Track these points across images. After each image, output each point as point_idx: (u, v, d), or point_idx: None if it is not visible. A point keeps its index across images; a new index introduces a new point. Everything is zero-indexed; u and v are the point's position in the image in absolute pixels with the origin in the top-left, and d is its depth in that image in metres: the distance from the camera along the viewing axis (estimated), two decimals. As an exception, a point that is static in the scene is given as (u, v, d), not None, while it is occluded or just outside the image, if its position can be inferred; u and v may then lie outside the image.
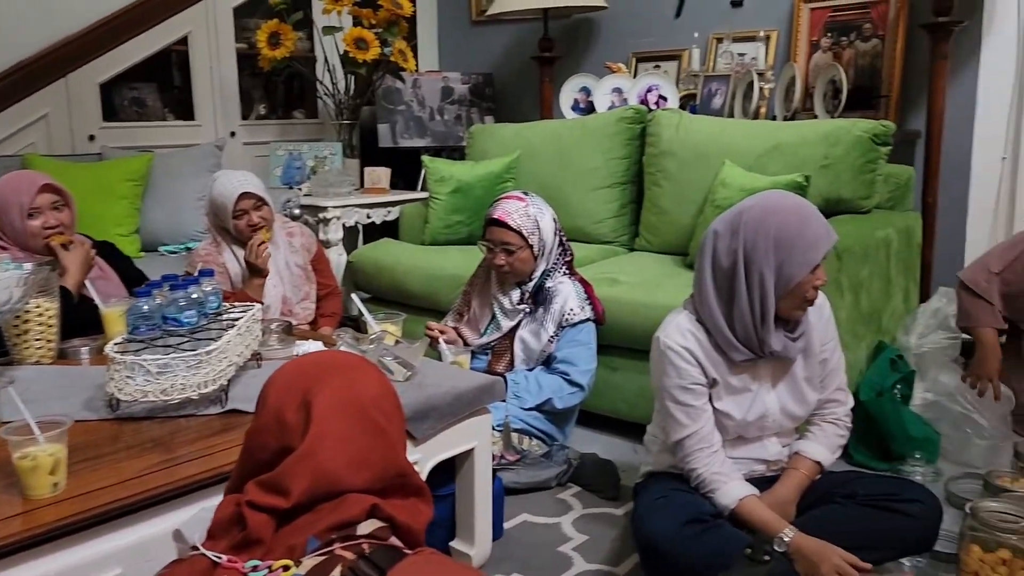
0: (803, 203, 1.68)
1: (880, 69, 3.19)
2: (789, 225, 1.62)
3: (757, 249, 1.62)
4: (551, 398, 2.28)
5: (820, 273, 1.64)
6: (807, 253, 1.61)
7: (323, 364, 1.01)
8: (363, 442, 0.92)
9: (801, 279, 1.62)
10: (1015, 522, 1.55)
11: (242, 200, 2.45)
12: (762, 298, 1.64)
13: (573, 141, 3.20)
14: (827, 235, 1.64)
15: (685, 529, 1.61)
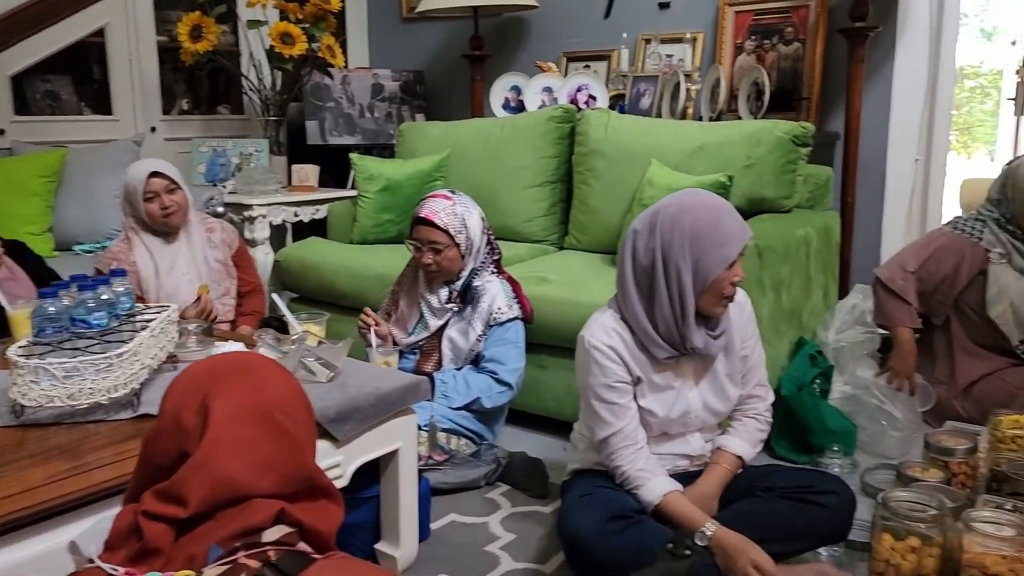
0: (718, 201, 1.71)
1: (801, 72, 3.27)
2: (704, 222, 1.64)
3: (673, 247, 1.65)
4: (479, 397, 2.27)
5: (737, 269, 1.67)
6: (722, 250, 1.63)
7: (226, 365, 0.98)
8: (265, 446, 0.89)
9: (718, 275, 1.64)
10: (924, 511, 1.60)
11: (153, 180, 2.39)
12: (681, 295, 1.66)
13: (503, 140, 3.20)
14: (742, 232, 1.67)
15: (608, 525, 1.62)
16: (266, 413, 0.91)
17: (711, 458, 1.84)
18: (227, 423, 0.88)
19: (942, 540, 1.55)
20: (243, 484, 0.86)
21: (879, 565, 1.59)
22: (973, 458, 2.00)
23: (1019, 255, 2.39)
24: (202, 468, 0.85)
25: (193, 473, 0.85)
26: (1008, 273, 2.40)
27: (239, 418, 0.89)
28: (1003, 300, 2.40)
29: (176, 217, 2.47)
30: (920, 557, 1.55)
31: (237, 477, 0.86)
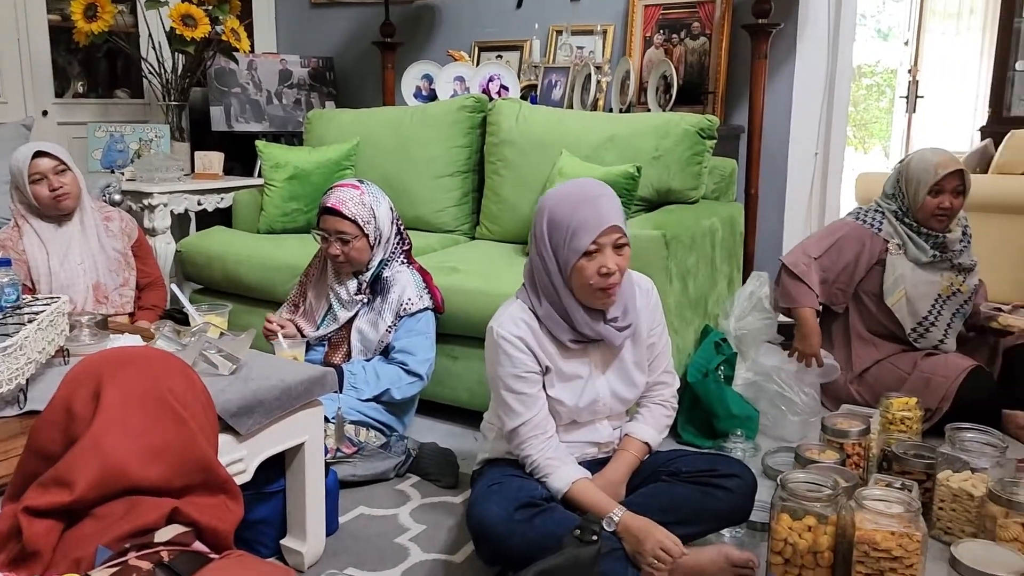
0: (583, 189, 1.70)
1: (708, 66, 3.35)
2: (560, 214, 1.67)
3: (541, 240, 1.70)
4: (389, 388, 2.25)
5: (604, 260, 1.65)
6: (573, 240, 1.64)
7: (122, 354, 0.94)
8: (158, 432, 0.85)
9: (576, 263, 1.65)
10: (819, 491, 1.66)
11: (38, 160, 2.27)
12: (553, 284, 1.70)
13: (414, 129, 3.16)
14: (596, 220, 1.64)
15: (517, 514, 1.62)
16: (160, 399, 0.87)
17: (619, 445, 1.87)
18: (119, 407, 0.83)
19: (836, 518, 1.62)
20: (132, 470, 0.82)
21: (778, 544, 1.65)
22: (866, 439, 2.09)
23: (914, 246, 2.51)
24: (91, 450, 0.81)
25: (81, 455, 0.81)
26: (904, 263, 2.52)
27: (132, 403, 0.85)
28: (899, 289, 2.52)
29: (69, 200, 2.35)
30: (816, 535, 1.61)
31: (126, 461, 0.82)
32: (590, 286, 1.67)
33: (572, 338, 1.73)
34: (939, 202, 2.45)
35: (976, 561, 1.40)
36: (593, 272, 1.65)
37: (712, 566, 1.70)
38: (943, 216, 2.47)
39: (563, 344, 1.75)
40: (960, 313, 2.54)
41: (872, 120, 9.63)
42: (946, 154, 2.50)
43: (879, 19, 9.35)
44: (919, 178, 2.48)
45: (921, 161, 2.50)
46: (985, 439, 1.99)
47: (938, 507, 1.89)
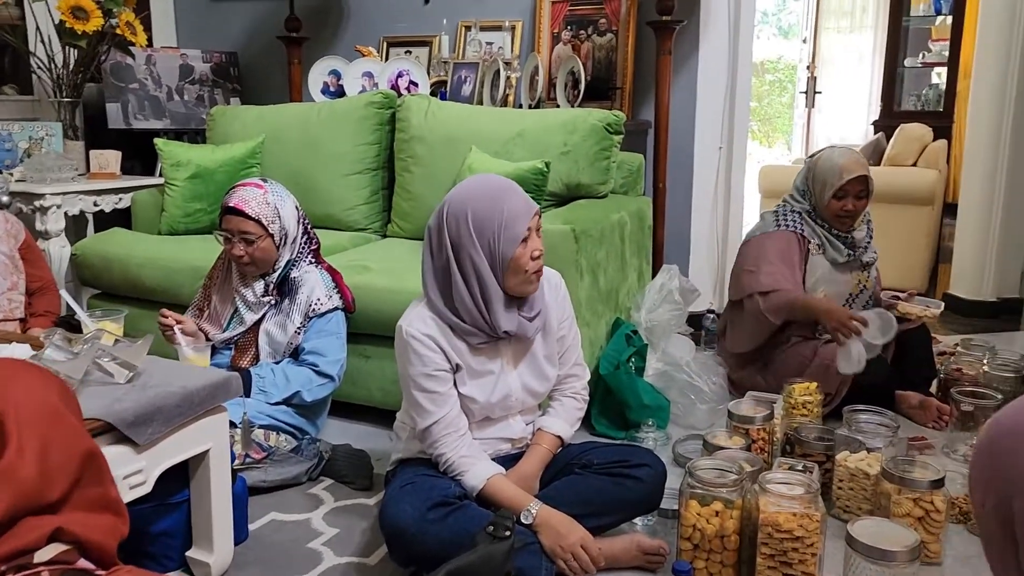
0: (497, 183, 1.73)
1: (615, 62, 3.39)
2: (485, 207, 1.67)
3: (463, 238, 1.68)
4: (300, 391, 2.21)
5: (533, 243, 1.70)
6: (509, 230, 1.66)
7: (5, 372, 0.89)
8: (58, 448, 0.81)
9: (514, 254, 1.67)
10: (725, 477, 1.71)
11: None
12: (480, 282, 1.69)
13: (321, 125, 3.10)
14: (526, 207, 1.69)
15: (430, 513, 1.62)
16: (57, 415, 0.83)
17: (532, 439, 1.88)
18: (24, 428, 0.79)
19: (742, 503, 1.67)
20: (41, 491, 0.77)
21: (687, 530, 1.68)
22: (770, 424, 2.16)
23: (832, 248, 2.61)
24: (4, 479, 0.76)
25: None
26: (823, 264, 2.61)
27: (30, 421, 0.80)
28: (820, 290, 2.60)
29: None
30: (723, 520, 1.66)
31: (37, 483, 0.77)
32: (526, 272, 1.69)
33: (481, 341, 1.74)
34: (842, 205, 2.55)
35: (870, 537, 1.46)
36: (527, 258, 1.69)
37: (624, 555, 1.74)
38: (846, 218, 2.57)
39: (472, 342, 1.75)
40: (866, 307, 2.64)
41: (775, 115, 9.94)
42: (852, 156, 2.58)
43: (780, 17, 9.66)
44: (825, 179, 2.57)
45: (828, 162, 2.58)
46: (879, 420, 2.08)
47: (837, 487, 1.97)
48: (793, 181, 2.72)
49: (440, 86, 3.54)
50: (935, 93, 6.15)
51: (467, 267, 1.68)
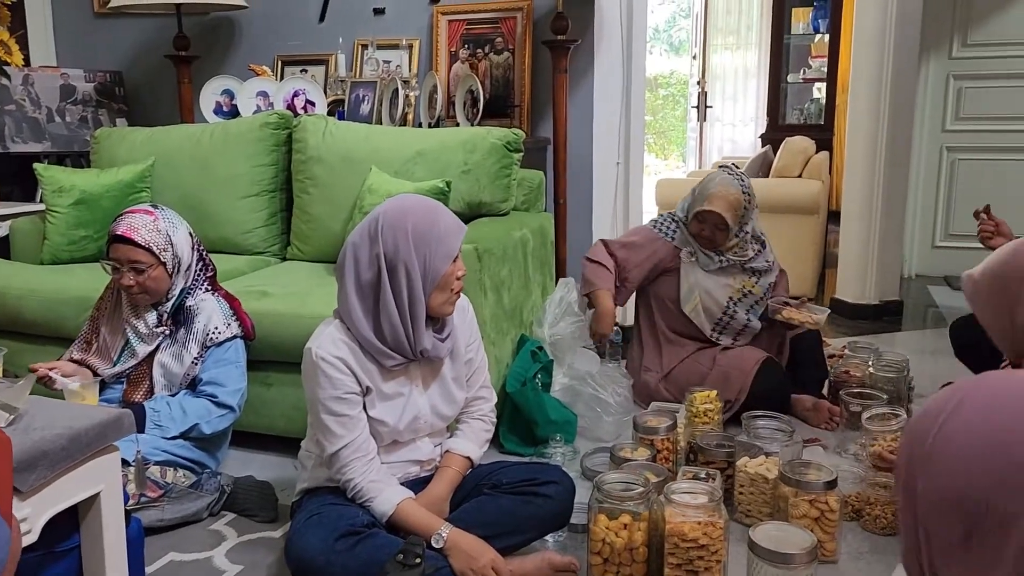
0: (430, 201, 1.78)
1: (513, 80, 3.43)
2: (425, 221, 1.69)
3: (400, 250, 1.67)
4: (198, 424, 2.13)
5: (460, 263, 1.75)
6: (443, 245, 1.69)
7: None
8: None
9: (445, 271, 1.70)
10: (632, 489, 1.74)
11: None
12: (411, 297, 1.69)
13: (215, 147, 3.01)
14: (458, 226, 1.75)
15: (338, 544, 1.59)
16: None
17: (441, 461, 1.87)
18: None
19: (648, 514, 1.70)
20: None
21: (596, 545, 1.70)
22: (674, 434, 2.21)
23: (704, 255, 2.69)
24: None
25: None
26: (696, 271, 2.69)
27: None
28: (694, 296, 2.69)
29: None
30: (631, 532, 1.68)
31: None
32: (451, 291, 1.73)
33: (396, 363, 1.73)
34: (700, 229, 2.66)
35: (770, 541, 1.51)
36: (453, 277, 1.72)
37: (536, 573, 1.74)
38: (704, 240, 2.68)
39: (384, 364, 1.74)
40: (754, 311, 2.74)
41: (670, 128, 10.26)
42: (725, 190, 2.62)
43: (671, 34, 9.99)
44: (694, 199, 2.70)
45: (706, 185, 2.68)
46: (776, 425, 2.16)
47: (739, 492, 2.03)
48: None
49: (338, 105, 3.50)
50: (816, 107, 6.47)
51: (400, 281, 1.68)
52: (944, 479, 0.64)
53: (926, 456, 0.66)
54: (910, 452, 0.68)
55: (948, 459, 0.64)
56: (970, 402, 0.66)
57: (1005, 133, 4.61)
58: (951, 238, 4.80)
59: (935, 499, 0.64)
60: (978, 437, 0.63)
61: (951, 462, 0.64)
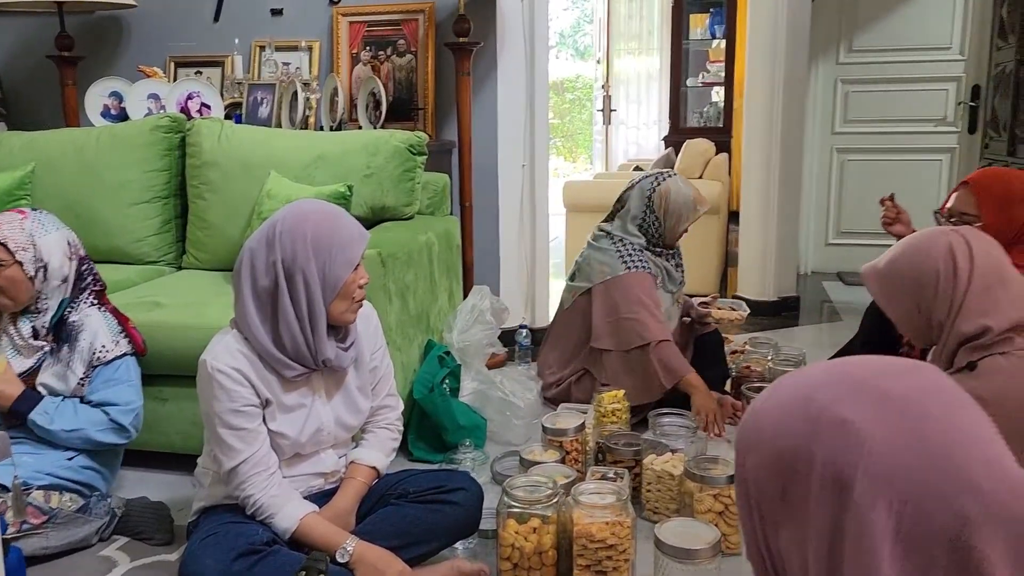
0: (332, 207, 1.74)
1: (416, 83, 3.39)
2: (325, 227, 1.64)
3: (297, 257, 1.62)
4: (85, 428, 2.00)
5: (362, 271, 1.70)
6: (346, 252, 1.64)
7: None
8: None
9: (346, 279, 1.65)
10: (540, 492, 1.73)
11: None
12: (310, 305, 1.63)
13: (102, 152, 2.87)
14: (360, 233, 1.70)
15: (236, 564, 1.52)
16: None
17: (345, 473, 1.82)
18: None
19: (557, 517, 1.69)
20: None
21: (505, 550, 1.69)
22: (583, 435, 2.22)
23: (668, 280, 2.73)
24: None
25: None
26: (665, 296, 2.71)
27: None
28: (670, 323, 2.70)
29: None
30: (540, 536, 1.68)
31: None
32: (352, 299, 1.67)
33: (296, 373, 1.67)
34: (683, 231, 2.73)
35: (676, 538, 1.52)
36: (356, 285, 1.67)
37: None
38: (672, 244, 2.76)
39: (284, 375, 1.68)
40: (682, 318, 2.81)
41: (577, 131, 10.39)
42: (692, 187, 2.72)
43: (576, 39, 10.11)
44: (679, 213, 2.66)
45: (681, 196, 2.67)
46: (681, 422, 2.20)
47: (646, 490, 2.05)
48: (625, 211, 2.72)
49: (235, 108, 3.39)
50: (715, 110, 6.66)
51: (299, 289, 1.62)
52: (762, 445, 0.70)
53: (748, 434, 0.73)
54: (738, 438, 0.75)
55: (763, 428, 0.71)
56: (784, 380, 0.74)
57: (888, 135, 4.84)
58: (843, 235, 5.01)
59: (757, 467, 0.70)
60: (787, 398, 0.71)
61: (765, 429, 0.71)
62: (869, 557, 0.61)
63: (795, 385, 0.72)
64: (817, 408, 0.67)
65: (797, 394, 0.70)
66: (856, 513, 0.62)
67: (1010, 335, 1.62)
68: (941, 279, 1.64)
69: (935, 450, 0.63)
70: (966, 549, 0.60)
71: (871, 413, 0.65)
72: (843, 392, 0.67)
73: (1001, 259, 1.68)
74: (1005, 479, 0.63)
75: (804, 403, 0.69)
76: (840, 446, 0.64)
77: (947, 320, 1.64)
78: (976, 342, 1.64)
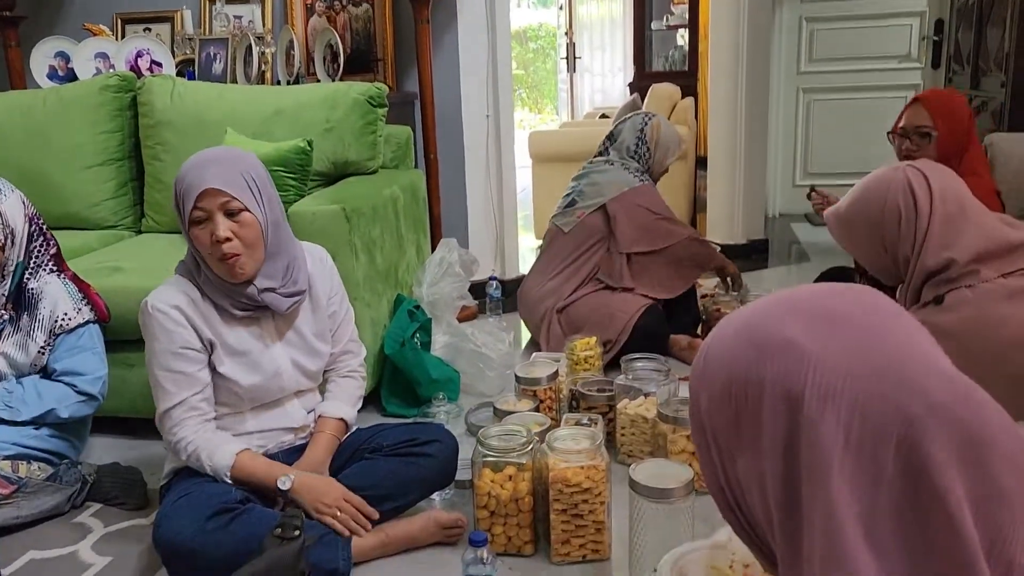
0: (203, 155, 1.65)
1: (374, 33, 3.31)
2: (177, 178, 1.63)
3: (176, 205, 1.64)
4: (54, 408, 1.98)
5: (212, 226, 1.59)
6: (183, 204, 1.61)
7: None
8: None
9: (193, 233, 1.61)
10: (515, 440, 1.72)
11: None
12: (196, 253, 1.65)
13: (50, 115, 2.77)
14: (198, 184, 1.59)
15: (210, 523, 1.52)
16: None
17: (315, 427, 1.81)
18: None
19: (532, 464, 1.69)
20: None
21: (482, 499, 1.69)
22: (556, 383, 2.22)
23: None
24: None
25: None
26: None
27: None
28: None
29: None
30: (516, 484, 1.68)
31: None
32: (211, 255, 1.61)
33: (232, 303, 1.66)
34: (666, 169, 2.95)
35: (650, 479, 1.53)
36: (207, 240, 1.59)
37: (423, 533, 1.72)
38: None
39: (230, 313, 1.67)
40: None
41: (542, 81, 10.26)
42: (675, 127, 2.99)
43: (537, -14, 9.93)
44: (669, 146, 2.89)
45: (671, 132, 2.91)
46: (653, 365, 2.20)
47: (620, 434, 2.06)
48: (615, 138, 2.94)
49: (187, 65, 3.29)
50: (680, 54, 6.60)
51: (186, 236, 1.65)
52: (713, 379, 0.71)
53: (699, 372, 0.74)
54: (692, 379, 0.76)
55: (712, 362, 0.72)
56: (729, 317, 0.76)
57: (853, 73, 4.83)
58: (810, 176, 5.03)
59: (710, 400, 0.72)
60: (733, 331, 0.72)
61: (714, 362, 0.72)
62: (822, 470, 0.63)
63: (739, 318, 0.73)
64: (763, 333, 0.68)
65: (742, 325, 0.72)
66: (807, 428, 0.63)
67: (975, 267, 1.63)
68: (903, 215, 1.64)
69: (878, 359, 0.64)
70: (914, 449, 0.61)
71: (814, 331, 0.66)
72: (786, 315, 0.69)
73: (959, 189, 1.68)
74: (948, 383, 0.64)
75: (749, 331, 0.70)
76: (787, 365, 0.65)
77: (912, 254, 1.65)
78: (941, 276, 1.65)
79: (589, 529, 1.65)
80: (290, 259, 1.71)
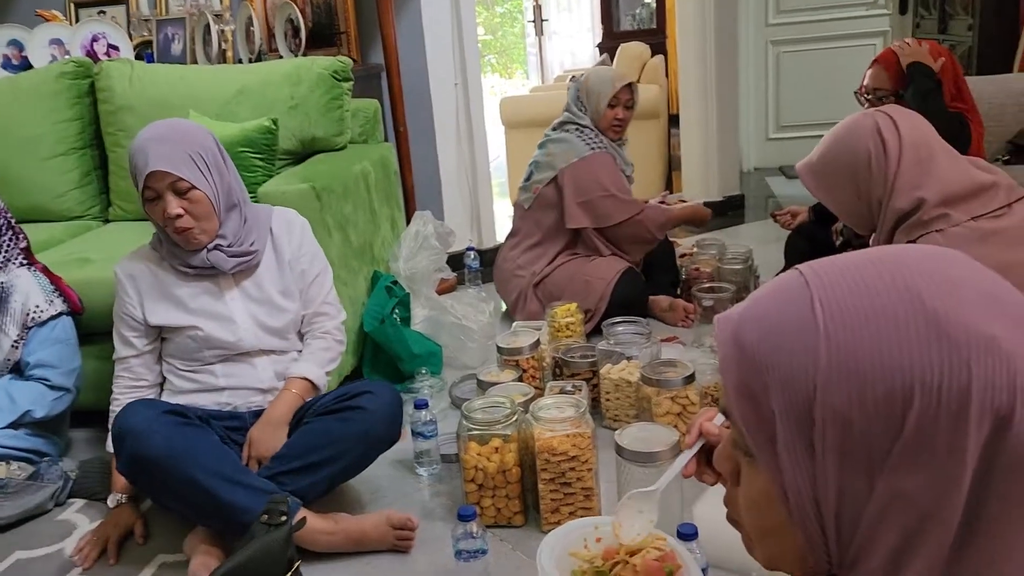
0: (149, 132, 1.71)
1: (335, 5, 3.24)
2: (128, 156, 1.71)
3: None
4: (30, 410, 1.95)
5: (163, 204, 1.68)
6: (136, 181, 1.70)
7: None
8: None
9: (146, 208, 1.71)
10: (499, 412, 1.72)
11: None
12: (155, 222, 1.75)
13: (5, 106, 2.69)
14: (143, 166, 1.67)
15: (164, 416, 1.61)
16: None
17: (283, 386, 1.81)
18: None
19: (518, 435, 1.69)
20: None
21: (469, 472, 1.69)
22: (538, 352, 2.21)
23: (621, 160, 2.78)
24: None
25: None
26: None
27: None
28: None
29: None
30: (502, 455, 1.67)
31: None
32: (166, 228, 1.71)
33: (183, 264, 1.76)
34: (615, 113, 2.72)
35: (635, 443, 1.53)
36: (160, 217, 1.69)
37: (375, 531, 1.66)
38: (618, 126, 2.74)
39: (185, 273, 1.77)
40: None
41: (511, 46, 10.15)
42: (617, 69, 2.80)
43: (500, -52, 9.77)
44: (599, 91, 2.71)
45: (598, 76, 2.75)
46: (635, 329, 2.20)
47: (605, 399, 2.06)
48: (566, 105, 2.80)
49: (145, 47, 3.21)
50: (647, 12, 6.54)
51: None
52: (868, 367, 0.52)
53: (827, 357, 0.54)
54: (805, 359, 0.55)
55: (869, 347, 0.52)
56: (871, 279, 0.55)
57: (822, 23, 4.81)
58: (782, 129, 5.02)
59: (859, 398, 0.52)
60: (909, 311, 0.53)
61: (874, 348, 0.52)
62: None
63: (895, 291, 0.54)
64: (960, 327, 0.52)
65: (913, 308, 0.53)
66: (1012, 451, 0.51)
67: (945, 211, 1.63)
68: (873, 158, 1.64)
69: None
70: None
71: (1010, 325, 0.52)
72: (972, 300, 0.53)
73: (927, 132, 1.68)
74: None
75: (933, 320, 0.52)
76: (993, 370, 0.51)
77: (884, 196, 1.65)
78: (912, 219, 1.64)
79: (578, 496, 1.65)
80: (244, 220, 1.79)
